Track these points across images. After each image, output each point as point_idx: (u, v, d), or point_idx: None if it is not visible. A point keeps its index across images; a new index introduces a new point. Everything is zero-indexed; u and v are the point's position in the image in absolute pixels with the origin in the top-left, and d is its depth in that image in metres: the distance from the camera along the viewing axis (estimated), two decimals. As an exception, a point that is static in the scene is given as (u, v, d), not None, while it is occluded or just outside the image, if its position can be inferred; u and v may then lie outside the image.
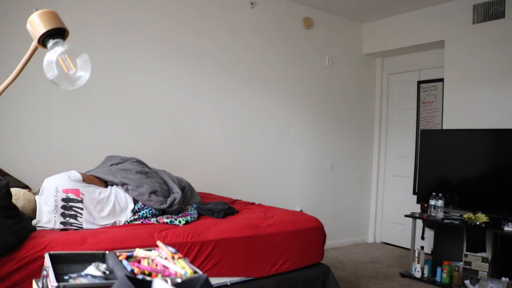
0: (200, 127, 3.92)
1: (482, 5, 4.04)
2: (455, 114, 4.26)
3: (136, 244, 1.96)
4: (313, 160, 4.79)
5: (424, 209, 4.04)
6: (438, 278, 3.76)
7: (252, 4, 4.21)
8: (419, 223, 4.35)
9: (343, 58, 5.03)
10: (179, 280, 0.91)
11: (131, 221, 2.45)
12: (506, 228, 3.34)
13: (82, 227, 2.26)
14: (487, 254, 3.53)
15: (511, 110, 3.86)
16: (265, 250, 2.50)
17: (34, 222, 2.20)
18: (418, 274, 3.85)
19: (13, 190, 2.15)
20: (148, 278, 0.94)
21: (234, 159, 4.15)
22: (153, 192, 2.54)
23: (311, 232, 2.73)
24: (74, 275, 1.08)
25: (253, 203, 3.32)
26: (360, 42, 5.21)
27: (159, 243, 1.22)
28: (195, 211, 2.70)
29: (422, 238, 4.46)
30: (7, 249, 1.80)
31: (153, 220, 2.45)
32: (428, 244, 4.37)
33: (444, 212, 3.81)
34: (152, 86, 3.64)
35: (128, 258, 1.15)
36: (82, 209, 2.27)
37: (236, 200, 3.40)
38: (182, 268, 1.06)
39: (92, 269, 1.10)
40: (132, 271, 1.05)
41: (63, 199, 2.23)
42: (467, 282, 3.57)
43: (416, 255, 3.88)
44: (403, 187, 5.06)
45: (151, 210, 2.52)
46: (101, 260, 1.20)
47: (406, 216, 4.06)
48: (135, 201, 2.51)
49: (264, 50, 4.34)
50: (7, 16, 2.97)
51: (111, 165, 2.74)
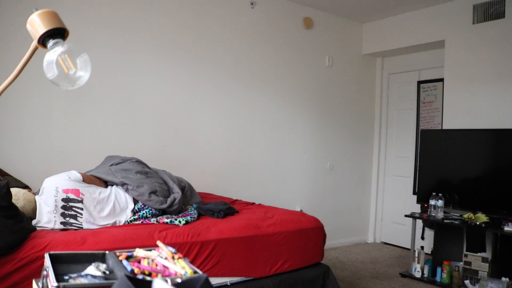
0: (200, 127, 3.93)
1: (482, 5, 4.04)
2: (455, 114, 4.26)
3: (136, 244, 1.97)
4: (313, 160, 4.79)
5: (424, 209, 4.04)
6: (438, 278, 3.76)
7: (252, 4, 4.21)
8: (419, 223, 4.35)
9: (343, 58, 5.03)
10: (179, 280, 0.91)
11: (131, 221, 2.45)
12: (506, 228, 3.34)
13: (82, 227, 2.26)
14: (487, 254, 3.53)
15: (511, 110, 3.86)
16: (265, 250, 2.50)
17: (34, 222, 2.20)
18: (418, 274, 3.85)
19: (13, 190, 2.15)
20: (148, 278, 0.94)
21: (234, 159, 4.15)
22: (153, 192, 2.54)
23: (311, 232, 2.73)
24: (74, 275, 1.08)
25: (253, 203, 3.32)
26: (360, 42, 5.21)
27: (159, 243, 1.22)
28: (195, 211, 2.70)
29: (422, 238, 4.46)
30: (7, 249, 1.80)
31: (153, 220, 2.45)
32: (428, 244, 4.37)
33: (444, 212, 3.81)
34: (152, 86, 3.64)
35: (128, 258, 1.15)
36: (82, 209, 2.27)
37: (236, 200, 3.40)
38: (182, 268, 1.06)
39: (92, 269, 1.10)
40: (132, 271, 1.05)
41: (63, 199, 2.23)
42: (467, 282, 3.57)
43: (416, 255, 3.88)
44: (403, 187, 5.06)
45: (151, 210, 2.52)
46: (101, 260, 1.20)
47: (406, 216, 4.06)
48: (135, 201, 2.51)
49: (264, 50, 4.34)
50: (7, 16, 2.97)
51: (111, 165, 2.74)
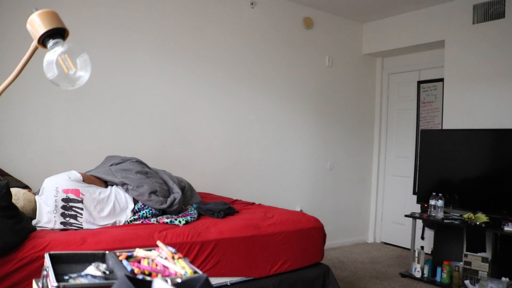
0: (200, 127, 3.93)
1: (482, 5, 4.04)
2: (455, 114, 4.26)
3: (136, 244, 1.97)
4: (313, 160, 4.79)
5: (424, 209, 4.04)
6: (438, 278, 3.76)
7: (252, 4, 4.21)
8: (419, 223, 4.35)
9: (343, 58, 5.03)
10: (179, 280, 0.91)
11: (131, 221, 2.45)
12: (506, 228, 3.34)
13: (82, 227, 2.26)
14: (487, 254, 3.53)
15: (511, 110, 3.86)
16: (265, 250, 2.50)
17: (34, 222, 2.20)
18: (418, 274, 3.85)
19: (13, 190, 2.15)
20: (148, 278, 0.94)
21: (234, 159, 4.15)
22: (153, 192, 2.54)
23: (311, 232, 2.73)
24: (74, 275, 1.08)
25: (253, 203, 3.32)
26: (360, 42, 5.21)
27: (159, 243, 1.22)
28: (195, 211, 2.70)
29: (422, 238, 4.46)
30: (7, 249, 1.80)
31: (153, 220, 2.45)
32: (428, 244, 4.37)
33: (444, 212, 3.81)
34: (152, 86, 3.64)
35: (128, 258, 1.15)
36: (82, 209, 2.27)
37: (236, 200, 3.41)
38: (182, 268, 1.06)
39: (92, 269, 1.10)
40: (132, 271, 1.05)
41: (63, 199, 2.23)
42: (467, 282, 3.57)
43: (416, 255, 3.88)
44: (403, 187, 5.06)
45: (151, 210, 2.52)
46: (101, 260, 1.20)
47: (406, 216, 4.06)
48: (135, 201, 2.51)
49: (264, 50, 4.34)
50: (7, 16, 2.97)
51: (111, 165, 2.74)
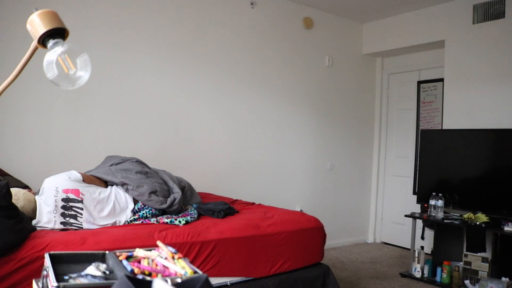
0: (200, 127, 3.92)
1: (482, 5, 4.04)
2: (455, 114, 4.26)
3: (136, 244, 1.96)
4: (313, 160, 4.79)
5: (424, 209, 4.04)
6: (438, 278, 3.76)
7: (252, 4, 4.21)
8: (419, 223, 4.34)
9: (343, 58, 5.03)
10: (179, 280, 0.91)
11: (131, 221, 2.45)
12: (506, 228, 3.34)
13: (82, 227, 2.26)
14: (487, 254, 3.53)
15: (511, 110, 3.86)
16: (265, 250, 2.50)
17: (34, 222, 2.20)
18: (418, 274, 3.85)
19: (13, 190, 2.15)
20: (148, 278, 0.94)
21: (234, 159, 4.15)
22: (153, 192, 2.54)
23: (311, 232, 2.73)
24: (74, 275, 1.08)
25: (253, 203, 3.32)
26: (360, 42, 5.21)
27: (159, 243, 1.22)
28: (195, 211, 2.70)
29: (422, 238, 4.46)
30: (7, 249, 1.80)
31: (153, 220, 2.45)
32: (428, 244, 4.37)
33: (444, 212, 3.81)
34: (152, 86, 3.64)
35: (128, 258, 1.15)
36: (82, 209, 2.27)
37: (236, 200, 3.40)
38: (182, 268, 1.06)
39: (92, 269, 1.10)
40: (132, 271, 1.05)
41: (63, 199, 2.23)
42: (467, 282, 3.57)
43: (416, 255, 3.88)
44: (403, 187, 5.06)
45: (151, 210, 2.52)
46: (101, 260, 1.20)
47: (406, 216, 4.06)
48: (135, 201, 2.51)
49: (264, 50, 4.34)
50: (7, 16, 2.97)
51: (111, 165, 2.74)
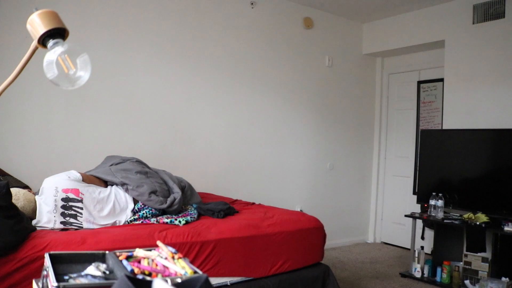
0: (200, 127, 3.92)
1: (482, 5, 4.04)
2: (455, 114, 4.26)
3: (136, 244, 1.96)
4: (313, 160, 4.79)
5: (424, 209, 4.04)
6: (438, 278, 3.76)
7: (252, 4, 4.21)
8: (419, 223, 4.34)
9: (343, 58, 5.03)
10: (179, 280, 0.91)
11: (131, 221, 2.45)
12: (506, 228, 3.34)
13: (82, 227, 2.26)
14: (487, 254, 3.53)
15: (511, 110, 3.86)
16: (265, 250, 2.50)
17: (34, 222, 2.20)
18: (418, 274, 3.85)
19: (13, 190, 2.15)
20: (148, 278, 0.94)
21: (234, 159, 4.15)
22: (153, 192, 2.54)
23: (311, 232, 2.73)
24: (74, 275, 1.08)
25: (253, 203, 3.32)
26: (360, 42, 5.21)
27: (159, 243, 1.22)
28: (195, 211, 2.70)
29: (422, 238, 4.46)
30: (7, 249, 1.80)
31: (153, 220, 2.45)
32: (428, 244, 4.36)
33: (444, 212, 3.81)
34: (152, 86, 3.64)
35: (128, 258, 1.15)
36: (82, 208, 2.27)
37: (236, 200, 3.41)
38: (182, 268, 1.06)
39: (92, 269, 1.10)
40: (132, 271, 1.05)
41: (63, 199, 2.23)
42: (467, 282, 3.57)
43: (416, 255, 3.88)
44: (403, 187, 5.06)
45: (151, 210, 2.52)
46: (101, 260, 1.20)
47: (406, 216, 4.06)
48: (135, 201, 2.51)
49: (264, 50, 4.34)
50: (7, 16, 2.97)
51: (111, 165, 2.74)
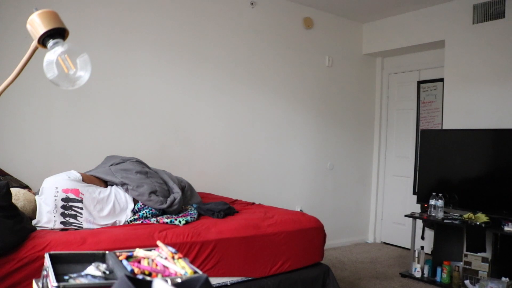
0: (200, 127, 3.92)
1: (482, 5, 4.04)
2: (455, 114, 4.26)
3: (136, 244, 1.96)
4: (313, 160, 4.79)
5: (424, 209, 4.04)
6: (438, 278, 3.76)
7: (252, 4, 4.21)
8: (419, 223, 4.34)
9: (343, 58, 5.03)
10: (179, 280, 0.91)
11: (131, 221, 2.45)
12: (506, 228, 3.34)
13: (82, 227, 2.26)
14: (487, 254, 3.53)
15: (511, 110, 3.86)
16: (265, 250, 2.50)
17: (34, 222, 2.20)
18: (418, 274, 3.85)
19: (13, 190, 2.15)
20: (148, 278, 0.94)
21: (234, 159, 4.15)
22: (153, 192, 2.54)
23: (311, 232, 2.73)
24: (74, 275, 1.08)
25: (253, 203, 3.32)
26: (360, 42, 5.21)
27: (159, 243, 1.22)
28: (195, 211, 2.70)
29: (422, 238, 4.46)
30: (7, 249, 1.80)
31: (153, 220, 2.45)
32: (428, 244, 4.37)
33: (444, 212, 3.81)
34: (152, 86, 3.64)
35: (128, 258, 1.15)
36: (82, 208, 2.27)
37: (236, 200, 3.41)
38: (182, 268, 1.06)
39: (92, 269, 1.10)
40: (132, 271, 1.05)
41: (63, 199, 2.23)
42: (467, 282, 3.57)
43: (416, 255, 3.88)
44: (403, 187, 5.06)
45: (151, 210, 2.52)
46: (101, 260, 1.20)
47: (406, 216, 4.06)
48: (135, 201, 2.51)
49: (264, 50, 4.34)
50: (7, 16, 2.97)
51: (111, 165, 2.74)
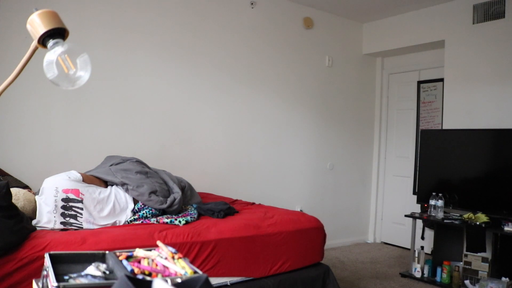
0: (200, 127, 3.93)
1: (482, 5, 4.04)
2: (455, 114, 4.26)
3: (136, 244, 1.96)
4: (313, 160, 4.79)
5: (424, 209, 4.04)
6: (438, 278, 3.76)
7: (252, 4, 4.21)
8: (419, 223, 4.34)
9: (343, 58, 5.03)
10: (179, 280, 0.91)
11: (131, 221, 2.45)
12: (506, 228, 3.34)
13: (82, 227, 2.26)
14: (487, 254, 3.53)
15: (511, 110, 3.86)
16: (265, 250, 2.50)
17: (34, 222, 2.20)
18: (418, 274, 3.85)
19: (13, 190, 2.15)
20: (148, 278, 0.94)
21: (234, 159, 4.15)
22: (153, 192, 2.54)
23: (311, 232, 2.73)
24: (74, 275, 1.08)
25: (253, 203, 3.32)
26: (360, 42, 5.21)
27: (159, 243, 1.22)
28: (195, 211, 2.70)
29: (422, 238, 4.46)
30: (7, 249, 1.80)
31: (153, 220, 2.45)
32: (428, 244, 4.37)
33: (444, 212, 3.81)
34: (152, 86, 3.64)
35: (128, 258, 1.15)
36: (82, 209, 2.27)
37: (236, 200, 3.41)
38: (182, 268, 1.06)
39: (92, 269, 1.10)
40: (132, 271, 1.05)
41: (63, 199, 2.23)
42: (467, 282, 3.57)
43: (416, 255, 3.88)
44: (403, 187, 5.06)
45: (151, 210, 2.52)
46: (101, 260, 1.20)
47: (406, 216, 4.06)
48: (135, 201, 2.51)
49: (264, 50, 4.34)
50: (7, 16, 2.97)
51: (111, 165, 2.74)
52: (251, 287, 2.40)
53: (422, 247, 3.95)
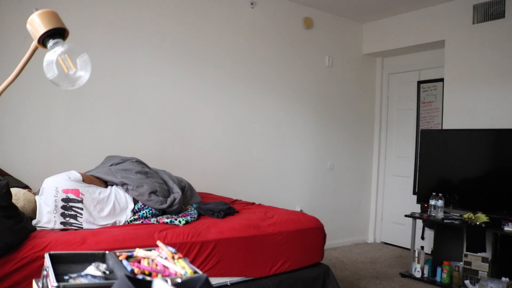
0: (200, 127, 3.92)
1: (482, 5, 4.04)
2: (455, 114, 4.26)
3: (136, 244, 1.96)
4: (313, 160, 4.79)
5: (424, 209, 4.04)
6: (438, 278, 3.76)
7: (252, 4, 4.21)
8: (419, 223, 4.35)
9: (343, 58, 5.03)
10: (179, 280, 0.91)
11: (131, 221, 2.45)
12: (506, 228, 3.34)
13: (82, 227, 2.26)
14: (487, 254, 3.53)
15: (511, 110, 3.86)
16: (265, 250, 2.50)
17: (34, 222, 2.20)
18: (418, 274, 3.85)
19: (13, 190, 2.15)
20: (148, 278, 0.94)
21: (234, 159, 4.15)
22: (153, 192, 2.54)
23: (311, 232, 2.73)
24: (74, 275, 1.08)
25: (253, 203, 3.32)
26: (360, 42, 5.21)
27: (159, 243, 1.22)
28: (195, 211, 2.70)
29: (422, 238, 4.46)
30: (7, 249, 1.80)
31: (153, 220, 2.45)
32: (428, 244, 4.37)
33: (444, 212, 3.81)
34: (152, 86, 3.64)
35: (128, 258, 1.15)
36: (82, 209, 2.27)
37: (236, 200, 3.41)
38: (182, 268, 1.06)
39: (92, 269, 1.10)
40: (132, 271, 1.05)
41: (63, 199, 2.23)
42: (467, 282, 3.57)
43: (416, 255, 3.88)
44: (403, 187, 5.06)
45: (151, 210, 2.52)
46: (101, 260, 1.20)
47: (406, 216, 4.06)
48: (135, 201, 2.51)
49: (264, 50, 4.34)
50: (7, 16, 2.97)
51: (111, 165, 2.74)
52: (251, 287, 2.40)
53: (422, 247, 3.95)
